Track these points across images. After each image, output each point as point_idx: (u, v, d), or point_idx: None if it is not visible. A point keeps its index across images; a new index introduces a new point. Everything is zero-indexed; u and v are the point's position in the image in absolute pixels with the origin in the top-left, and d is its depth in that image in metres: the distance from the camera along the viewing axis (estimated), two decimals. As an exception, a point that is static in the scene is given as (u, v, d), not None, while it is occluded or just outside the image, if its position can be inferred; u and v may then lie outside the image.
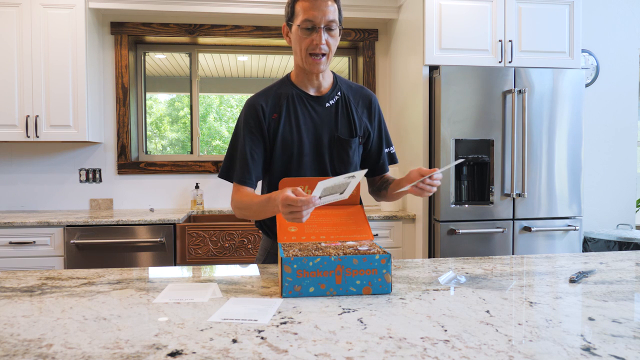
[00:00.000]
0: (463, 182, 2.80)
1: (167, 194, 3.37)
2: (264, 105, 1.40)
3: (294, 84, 1.43)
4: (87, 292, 1.09)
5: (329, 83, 1.44)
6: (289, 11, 1.36)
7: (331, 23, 1.31)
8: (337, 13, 1.33)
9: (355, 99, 1.47)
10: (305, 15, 1.30)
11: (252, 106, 1.41)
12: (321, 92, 1.43)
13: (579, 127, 2.82)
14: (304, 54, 1.34)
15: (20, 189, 3.23)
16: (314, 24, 1.30)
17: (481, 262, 1.41)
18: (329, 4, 1.30)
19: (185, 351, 0.74)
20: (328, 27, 1.31)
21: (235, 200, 1.38)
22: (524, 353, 0.73)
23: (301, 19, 1.31)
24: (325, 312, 0.93)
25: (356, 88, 1.50)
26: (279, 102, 1.41)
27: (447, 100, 2.67)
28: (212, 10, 3.13)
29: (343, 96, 1.45)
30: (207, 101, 6.81)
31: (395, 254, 2.92)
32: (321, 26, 1.30)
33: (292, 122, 1.40)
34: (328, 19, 1.30)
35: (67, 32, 2.89)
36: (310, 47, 1.32)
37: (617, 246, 2.94)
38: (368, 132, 1.48)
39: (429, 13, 2.73)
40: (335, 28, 1.33)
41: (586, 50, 3.41)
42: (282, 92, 1.42)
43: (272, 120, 1.40)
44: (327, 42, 1.32)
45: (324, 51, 1.32)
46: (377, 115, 1.50)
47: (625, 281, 1.19)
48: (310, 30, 1.31)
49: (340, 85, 1.46)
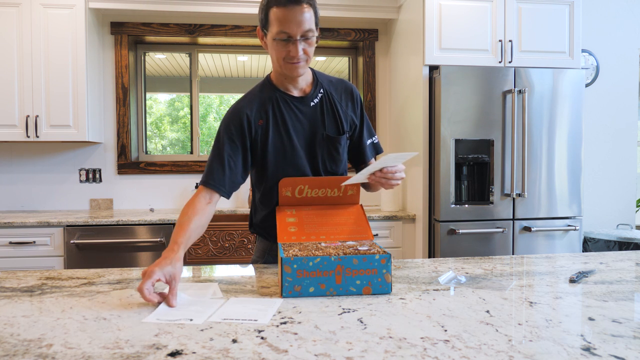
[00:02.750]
0: (463, 182, 2.80)
1: (167, 194, 3.37)
2: (249, 113, 1.36)
3: (276, 86, 1.40)
4: (87, 292, 1.09)
5: (308, 81, 1.42)
6: (263, 18, 1.30)
7: (307, 33, 1.26)
8: (313, 20, 1.27)
9: (338, 93, 1.45)
10: (280, 27, 1.24)
11: (235, 114, 1.36)
12: (304, 92, 1.41)
13: (578, 127, 2.82)
14: (281, 61, 1.30)
15: (20, 189, 3.23)
16: (290, 35, 1.25)
17: (481, 262, 1.41)
18: (304, 12, 1.23)
19: (185, 351, 0.74)
20: (304, 36, 1.26)
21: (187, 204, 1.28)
22: (524, 353, 0.73)
23: (276, 31, 1.26)
24: (325, 312, 0.93)
25: (336, 82, 1.48)
26: (264, 107, 1.37)
27: (447, 100, 2.67)
28: (212, 10, 3.13)
29: (326, 93, 1.43)
30: (207, 101, 6.80)
31: (395, 254, 2.92)
32: (297, 38, 1.25)
33: (280, 127, 1.37)
34: (304, 29, 1.25)
35: (67, 32, 2.89)
36: (288, 58, 1.28)
37: (617, 246, 2.94)
38: (355, 125, 1.48)
39: (429, 13, 2.73)
40: (312, 37, 1.28)
41: (586, 50, 3.41)
42: (265, 96, 1.39)
43: (258, 126, 1.37)
44: (305, 50, 1.28)
45: (301, 59, 1.29)
46: (359, 106, 1.50)
47: (625, 281, 1.19)
48: (286, 42, 1.26)
49: (322, 82, 1.44)
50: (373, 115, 3.54)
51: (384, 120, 3.56)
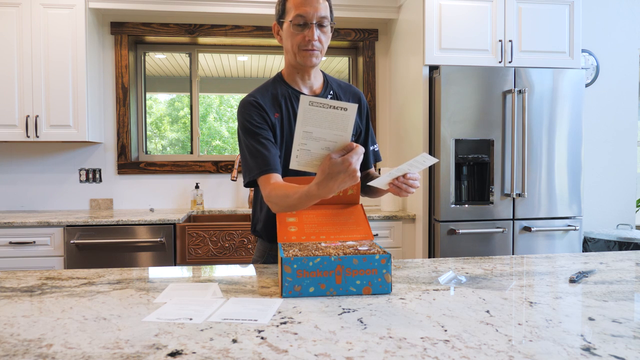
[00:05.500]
0: (463, 182, 2.80)
1: (167, 194, 3.37)
2: (263, 104, 1.36)
3: (287, 83, 1.42)
4: (87, 292, 1.09)
5: (320, 82, 1.45)
6: (280, 9, 1.36)
7: (323, 19, 1.31)
8: (328, 10, 1.33)
9: (346, 97, 1.48)
10: (297, 10, 1.30)
11: (250, 104, 1.36)
12: (314, 92, 1.43)
13: (579, 127, 2.82)
14: (296, 49, 1.33)
15: (20, 189, 3.23)
16: (306, 19, 1.30)
17: (481, 262, 1.41)
18: (320, 1, 1.31)
19: (185, 351, 0.74)
20: (320, 23, 1.31)
21: (267, 194, 1.26)
22: (524, 353, 0.73)
23: (293, 15, 1.31)
24: (325, 312, 0.93)
25: (345, 87, 1.50)
26: (277, 101, 1.39)
27: (447, 100, 2.67)
28: (212, 10, 3.13)
29: (335, 95, 1.45)
30: (207, 101, 6.80)
31: (395, 254, 2.92)
32: (313, 22, 1.30)
33: (292, 122, 1.39)
34: (320, 15, 1.30)
35: (67, 32, 2.89)
36: (302, 44, 1.31)
37: (617, 246, 2.94)
38: (360, 131, 1.49)
39: (429, 13, 2.73)
40: (327, 25, 1.33)
41: (586, 50, 3.41)
42: (277, 91, 1.40)
43: (275, 119, 1.38)
44: (319, 39, 1.32)
45: (316, 47, 1.32)
46: (365, 113, 1.51)
47: (625, 281, 1.19)
48: (302, 27, 1.31)
49: (331, 84, 1.47)
50: (373, 115, 3.54)
51: (384, 121, 3.56)
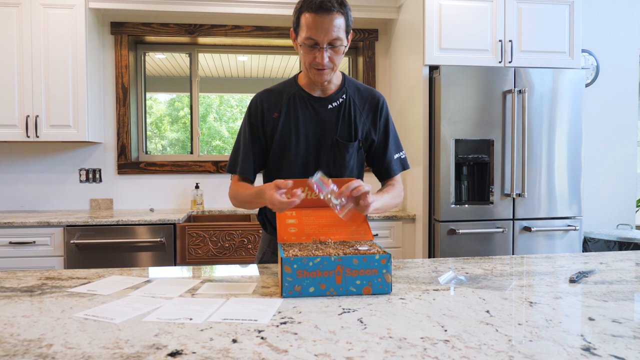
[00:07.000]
0: (463, 182, 2.80)
1: (167, 194, 3.37)
2: (264, 104, 1.42)
3: (299, 84, 1.44)
4: (87, 292, 1.09)
5: (336, 85, 1.43)
6: (295, 20, 1.33)
7: (335, 41, 1.28)
8: (342, 27, 1.28)
9: (362, 102, 1.45)
10: (308, 32, 1.27)
11: (253, 103, 1.45)
12: (326, 94, 1.43)
13: (578, 127, 2.82)
14: (308, 65, 1.33)
15: (20, 189, 3.23)
16: (316, 42, 1.27)
17: (481, 262, 1.41)
18: (334, 20, 1.25)
19: (185, 351, 0.74)
20: (331, 45, 1.28)
21: (231, 190, 1.45)
22: (524, 353, 0.73)
23: (304, 37, 1.28)
24: (325, 312, 0.93)
25: (364, 90, 1.47)
26: (280, 101, 1.42)
27: (447, 100, 2.67)
28: (212, 10, 3.13)
29: (348, 99, 1.43)
30: (207, 101, 6.80)
31: (395, 254, 2.92)
32: (324, 46, 1.27)
33: (291, 123, 1.40)
34: (331, 38, 1.27)
35: (67, 32, 2.89)
36: (313, 63, 1.31)
37: (617, 246, 2.94)
38: (371, 137, 1.46)
39: (429, 13, 2.73)
40: (340, 45, 1.29)
41: (586, 50, 3.41)
42: (285, 91, 1.43)
43: (272, 119, 1.41)
44: (331, 59, 1.30)
45: (327, 67, 1.31)
46: (383, 118, 1.47)
47: (625, 281, 1.19)
48: (313, 48, 1.29)
49: (348, 88, 1.44)
50: (373, 115, 3.53)
51: (384, 120, 3.56)
